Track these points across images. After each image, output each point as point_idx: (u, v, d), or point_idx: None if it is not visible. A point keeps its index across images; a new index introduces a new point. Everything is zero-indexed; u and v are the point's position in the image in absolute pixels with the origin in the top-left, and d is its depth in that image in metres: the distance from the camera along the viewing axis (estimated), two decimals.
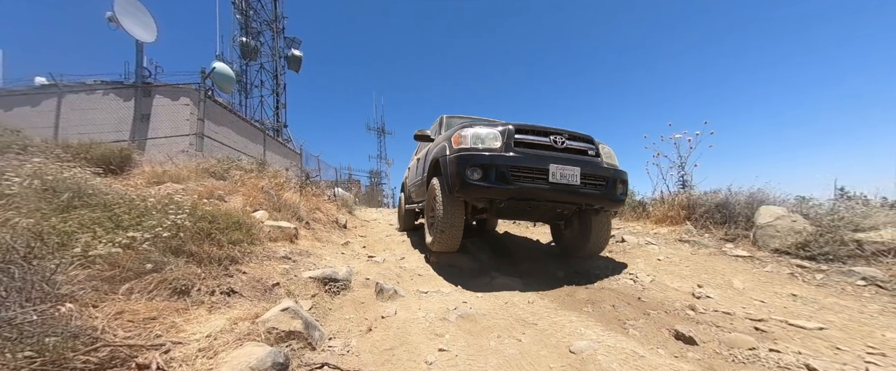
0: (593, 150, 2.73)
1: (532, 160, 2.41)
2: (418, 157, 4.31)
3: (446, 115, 4.07)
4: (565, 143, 2.60)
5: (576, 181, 2.43)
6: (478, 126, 2.62)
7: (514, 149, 2.46)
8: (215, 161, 4.92)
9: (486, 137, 2.53)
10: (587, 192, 2.47)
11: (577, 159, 2.57)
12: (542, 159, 2.42)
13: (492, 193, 2.39)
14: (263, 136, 11.46)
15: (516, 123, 2.60)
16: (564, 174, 2.41)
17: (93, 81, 8.39)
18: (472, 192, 2.39)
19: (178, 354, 1.16)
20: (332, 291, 2.12)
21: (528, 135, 2.56)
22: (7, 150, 3.28)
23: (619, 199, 2.64)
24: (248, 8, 15.66)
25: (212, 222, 2.26)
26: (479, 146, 2.50)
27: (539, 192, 2.39)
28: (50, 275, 1.25)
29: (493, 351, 1.43)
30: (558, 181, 2.39)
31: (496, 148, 2.47)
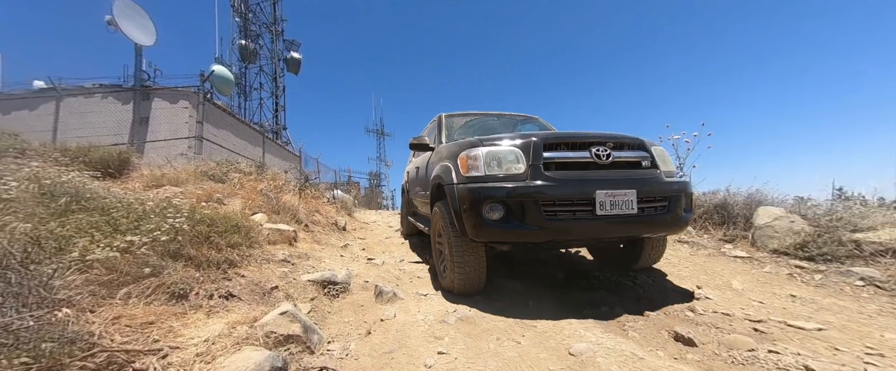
0: (648, 160, 2.07)
1: (571, 187, 1.82)
2: (417, 166, 3.71)
3: (444, 114, 3.43)
4: (611, 157, 1.94)
5: (632, 208, 1.83)
6: (492, 143, 2.04)
7: (544, 172, 1.86)
8: (214, 164, 4.91)
9: (505, 159, 1.93)
10: (647, 218, 1.90)
11: (631, 177, 1.95)
12: (585, 184, 1.83)
13: (519, 237, 1.88)
14: (262, 139, 11.46)
15: (544, 134, 2.01)
16: (616, 201, 1.81)
17: (91, 85, 8.39)
18: (492, 235, 1.86)
19: (176, 359, 1.15)
20: (331, 294, 2.12)
21: (561, 150, 1.94)
22: (5, 154, 3.28)
23: (685, 219, 2.04)
24: (247, 11, 15.70)
25: (210, 226, 2.26)
26: (497, 173, 1.92)
27: (583, 230, 1.84)
28: (47, 280, 1.25)
29: (492, 353, 1.43)
30: (608, 212, 1.80)
31: (520, 173, 1.88)
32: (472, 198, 1.87)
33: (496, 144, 2.01)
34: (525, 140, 1.97)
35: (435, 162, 2.73)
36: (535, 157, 1.89)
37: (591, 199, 1.80)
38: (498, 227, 1.82)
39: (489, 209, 1.83)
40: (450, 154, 2.34)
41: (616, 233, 1.90)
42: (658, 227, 1.99)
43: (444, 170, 2.28)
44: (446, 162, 2.32)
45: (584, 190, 1.82)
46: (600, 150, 1.94)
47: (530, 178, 1.85)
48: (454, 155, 2.22)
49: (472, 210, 1.86)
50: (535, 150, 1.90)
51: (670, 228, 2.04)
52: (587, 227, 1.83)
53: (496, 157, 1.96)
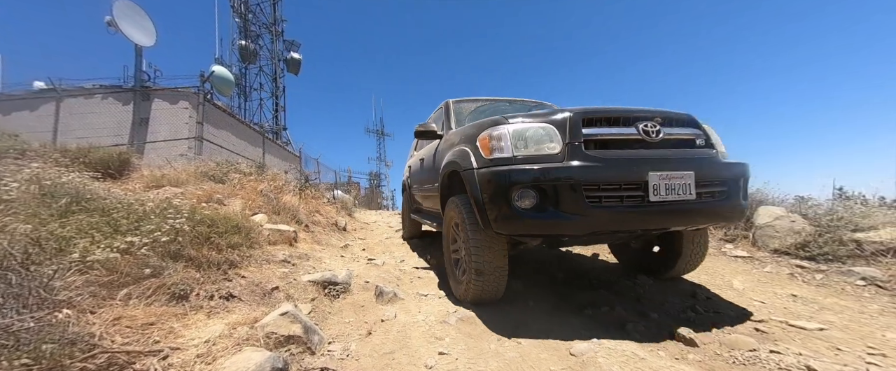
0: (702, 138, 1.82)
1: (619, 169, 1.55)
2: (421, 157, 3.43)
3: (452, 100, 3.10)
4: (661, 134, 1.67)
5: (690, 193, 1.58)
6: (519, 120, 1.74)
7: (584, 152, 1.58)
8: (214, 164, 4.91)
9: (535, 137, 1.66)
10: (706, 206, 1.64)
11: (687, 157, 1.70)
12: (636, 164, 1.57)
13: (555, 229, 1.59)
14: (262, 139, 11.46)
15: (581, 109, 1.69)
16: (672, 185, 1.55)
17: (92, 86, 8.39)
18: (523, 226, 1.59)
19: (177, 360, 1.15)
20: (331, 295, 2.12)
21: (604, 125, 1.67)
22: (5, 155, 3.28)
23: (744, 207, 1.80)
24: (247, 11, 15.70)
25: (210, 226, 2.26)
26: (525, 153, 1.64)
27: (632, 220, 1.57)
28: (47, 281, 1.25)
29: (493, 354, 1.43)
30: (663, 197, 1.54)
31: (555, 154, 1.60)
32: (498, 183, 1.59)
33: (524, 121, 1.71)
34: (560, 115, 1.66)
35: (445, 149, 2.41)
36: (573, 133, 1.59)
37: (643, 183, 1.53)
38: (530, 216, 1.53)
39: (519, 196, 1.54)
40: (466, 137, 2.06)
41: (670, 223, 1.63)
42: (717, 216, 1.72)
43: (460, 155, 1.98)
44: (462, 146, 2.02)
45: (634, 171, 1.53)
46: (648, 125, 1.65)
47: (568, 159, 1.57)
48: (472, 137, 1.93)
49: (497, 198, 1.59)
50: (572, 125, 1.60)
51: (730, 217, 1.77)
52: (637, 217, 1.55)
53: (525, 135, 1.67)
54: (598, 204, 1.53)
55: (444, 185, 2.33)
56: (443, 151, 2.48)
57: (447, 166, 2.19)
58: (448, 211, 2.18)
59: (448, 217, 2.21)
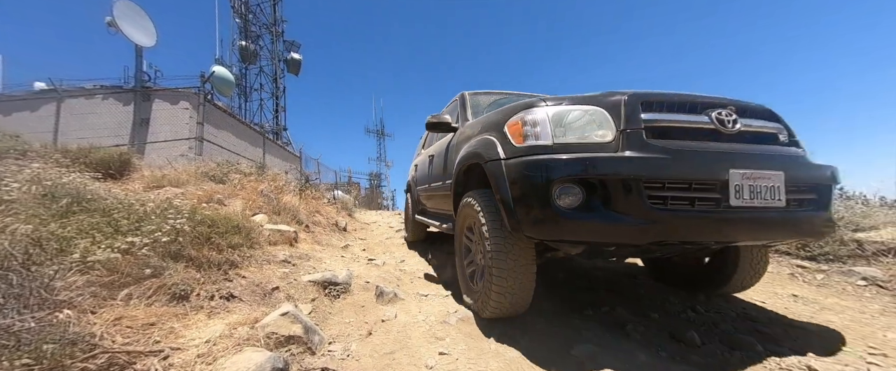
0: (785, 134, 1.52)
1: (692, 163, 1.26)
2: (430, 154, 3.20)
3: (469, 92, 2.81)
4: (738, 124, 1.38)
5: (779, 199, 1.30)
6: (558, 103, 1.45)
7: (645, 140, 1.28)
8: (215, 165, 4.92)
9: (580, 122, 1.39)
10: (796, 216, 1.36)
11: (774, 154, 1.41)
12: (711, 159, 1.28)
13: (608, 235, 1.27)
14: (263, 140, 11.47)
15: (639, 92, 1.38)
16: (757, 187, 1.27)
17: (92, 86, 8.41)
18: (564, 230, 1.29)
19: (177, 360, 1.15)
20: (331, 295, 2.12)
21: (668, 112, 1.37)
22: (6, 156, 3.28)
23: (833, 221, 1.51)
24: (247, 12, 15.72)
25: (211, 226, 2.26)
26: (568, 140, 1.36)
27: (710, 229, 1.27)
28: (48, 281, 1.25)
29: (493, 354, 1.43)
30: (748, 202, 1.25)
31: (606, 142, 1.32)
32: (533, 176, 1.32)
33: (565, 104, 1.44)
34: (612, 97, 1.37)
35: (461, 142, 2.17)
36: (631, 119, 1.30)
37: (721, 183, 1.25)
38: (574, 218, 1.25)
39: (561, 192, 1.26)
40: (490, 124, 1.79)
41: (753, 235, 1.33)
42: (806, 230, 1.39)
43: (483, 145, 1.71)
44: (485, 135, 1.76)
45: (712, 168, 1.25)
46: (722, 113, 1.36)
47: (623, 148, 1.27)
48: (498, 124, 1.67)
49: (531, 194, 1.32)
50: (629, 109, 1.31)
51: (820, 232, 1.45)
52: (713, 225, 1.25)
53: (567, 119, 1.39)
54: (662, 206, 1.22)
55: (459, 182, 2.08)
56: (458, 145, 2.23)
57: (464, 160, 1.93)
58: (462, 211, 1.93)
59: (462, 218, 1.96)
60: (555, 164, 1.30)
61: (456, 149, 2.27)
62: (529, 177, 1.35)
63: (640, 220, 1.22)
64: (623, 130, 1.31)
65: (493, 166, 1.57)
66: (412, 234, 4.20)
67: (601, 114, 1.37)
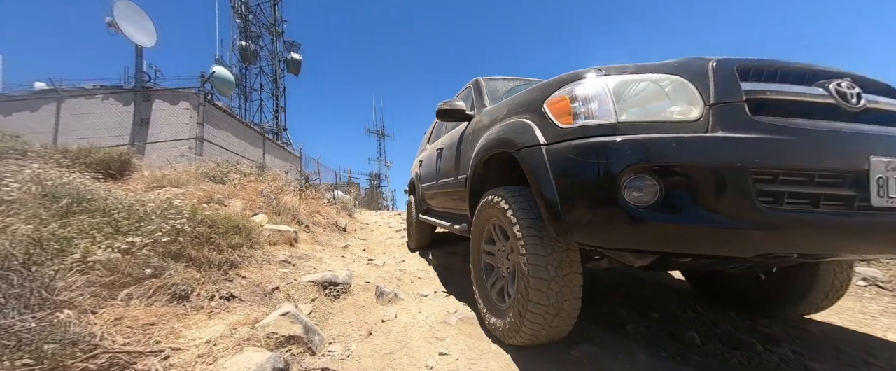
0: None
1: (822, 146, 0.95)
2: (439, 148, 2.87)
3: (484, 78, 2.52)
4: (863, 101, 1.05)
5: None
6: (628, 72, 1.14)
7: (749, 117, 0.96)
8: (215, 165, 4.92)
9: (650, 96, 1.09)
10: None
11: None
12: (845, 142, 0.97)
13: (704, 245, 0.96)
14: (263, 140, 11.48)
15: (730, 57, 1.07)
16: None
17: (92, 86, 8.41)
18: (637, 236, 0.99)
19: (178, 360, 1.15)
20: (331, 295, 2.12)
21: (772, 81, 1.04)
22: (6, 156, 3.28)
23: None
24: (247, 12, 15.74)
25: (211, 227, 2.26)
26: (637, 118, 1.06)
27: (846, 238, 0.95)
28: (49, 281, 1.25)
29: (494, 354, 1.43)
30: (892, 202, 0.94)
31: (691, 120, 1.01)
32: (590, 164, 1.02)
33: (629, 74, 1.12)
34: (694, 64, 1.05)
35: (479, 131, 1.88)
36: (725, 89, 0.98)
37: (858, 174, 0.92)
38: (652, 220, 0.94)
39: (632, 183, 0.96)
40: (520, 105, 1.50)
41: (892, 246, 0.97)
42: None
43: (514, 129, 1.41)
44: (515, 118, 1.45)
45: (847, 153, 0.94)
46: (843, 84, 1.04)
47: (716, 127, 0.95)
48: (532, 103, 1.37)
49: (588, 188, 1.03)
50: (722, 78, 0.99)
51: None
52: (851, 232, 0.93)
53: (632, 92, 1.09)
54: (775, 206, 0.90)
55: (477, 177, 1.80)
56: (474, 134, 1.94)
57: (485, 150, 1.64)
58: (483, 211, 1.64)
59: (483, 219, 1.66)
60: (623, 147, 0.98)
61: (472, 139, 1.96)
62: (584, 165, 1.04)
63: (747, 223, 0.88)
64: (714, 104, 0.97)
65: (529, 154, 1.26)
66: (416, 240, 3.72)
67: (682, 84, 1.04)
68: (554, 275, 1.22)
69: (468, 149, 2.00)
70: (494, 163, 1.70)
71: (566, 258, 1.23)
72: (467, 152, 2.00)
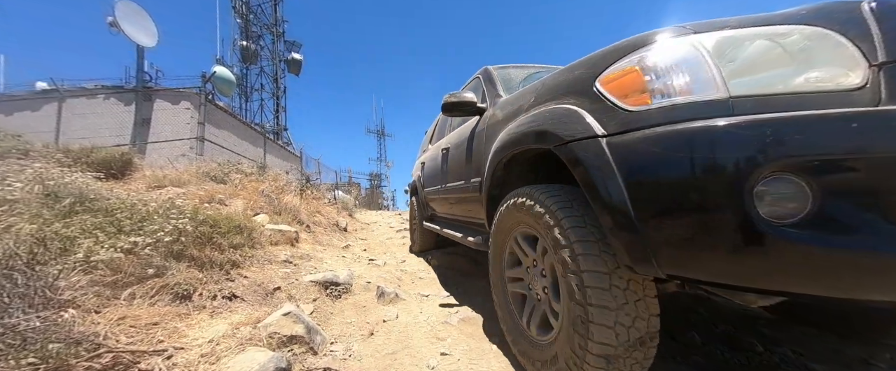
0: None
1: None
2: (444, 147, 2.60)
3: (495, 67, 2.25)
4: None
5: None
6: (729, 28, 0.80)
7: None
8: (216, 165, 4.93)
9: (776, 57, 0.74)
10: None
11: None
12: None
13: None
14: (264, 140, 11.49)
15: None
16: None
17: (94, 86, 8.43)
18: (783, 269, 0.63)
19: (181, 360, 1.16)
20: (333, 295, 2.12)
21: None
22: (8, 155, 3.29)
23: None
24: (248, 12, 15.76)
25: (213, 226, 2.27)
26: (756, 91, 0.71)
27: None
28: (52, 281, 1.26)
29: (495, 354, 1.43)
30: None
31: (850, 88, 0.66)
32: (688, 162, 0.71)
33: (732, 29, 0.81)
34: (840, 7, 0.74)
35: (494, 125, 1.61)
36: None
37: None
38: (809, 242, 0.61)
39: (766, 188, 0.65)
40: (556, 88, 1.21)
41: None
42: None
43: (553, 118, 1.11)
44: (553, 104, 1.16)
45: None
46: None
47: (892, 99, 0.63)
48: (577, 83, 1.09)
49: (691, 198, 0.71)
50: (893, 22, 0.67)
51: None
52: None
53: (745, 53, 0.77)
54: None
55: (496, 181, 1.52)
56: (489, 130, 1.68)
57: (508, 146, 1.34)
58: (506, 218, 1.33)
59: (504, 228, 1.35)
60: (747, 133, 0.66)
61: (486, 137, 1.70)
62: (677, 163, 0.72)
63: None
64: (886, 63, 0.65)
65: (581, 151, 0.93)
66: (419, 244, 3.62)
67: (824, 37, 0.71)
68: (622, 302, 0.88)
69: (482, 148, 1.74)
70: (518, 163, 1.42)
71: (636, 293, 0.91)
72: (481, 152, 1.75)
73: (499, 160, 1.45)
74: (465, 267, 2.99)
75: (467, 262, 3.07)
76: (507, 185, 1.54)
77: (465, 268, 2.97)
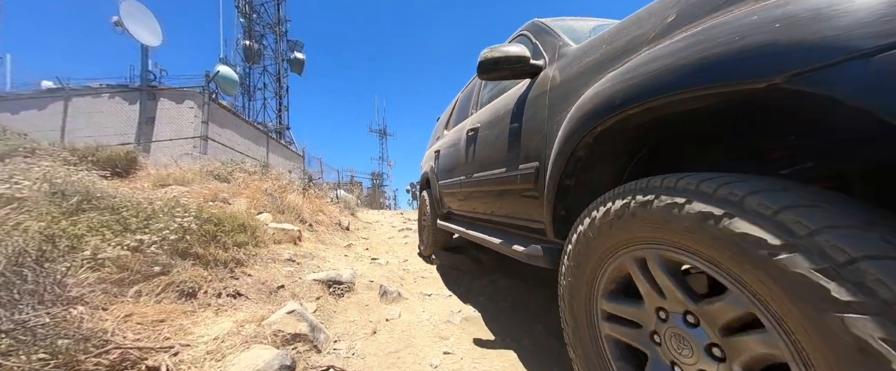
0: None
1: None
2: (471, 128, 2.05)
3: (546, 20, 1.68)
4: None
5: None
6: None
7: None
8: (219, 164, 4.96)
9: None
10: None
11: None
12: None
13: None
14: (266, 139, 11.54)
15: None
16: None
17: (99, 85, 8.49)
18: None
19: (187, 356, 1.18)
20: (336, 294, 2.14)
21: None
22: (15, 154, 3.33)
23: None
24: (251, 12, 15.82)
25: (217, 225, 2.28)
26: None
27: None
28: (61, 278, 1.28)
29: (497, 354, 1.44)
30: None
31: None
32: None
33: None
34: None
35: (568, 83, 1.16)
36: None
37: None
38: None
39: None
40: None
41: None
42: None
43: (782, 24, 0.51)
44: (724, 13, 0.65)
45: None
46: None
47: None
48: None
49: None
50: None
51: None
52: None
53: None
54: None
55: (572, 165, 1.04)
56: (555, 92, 1.23)
57: (612, 104, 0.86)
58: (626, 227, 0.77)
59: (610, 242, 0.83)
60: None
61: (549, 102, 1.24)
62: None
63: None
64: None
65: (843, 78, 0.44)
66: (429, 246, 3.14)
67: None
68: None
69: (540, 121, 1.27)
70: (617, 135, 0.92)
71: None
72: (537, 127, 1.27)
73: (583, 133, 0.94)
74: (468, 266, 2.99)
75: (470, 262, 3.07)
76: (592, 169, 1.05)
77: (467, 267, 2.98)
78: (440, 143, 3.00)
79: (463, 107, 2.67)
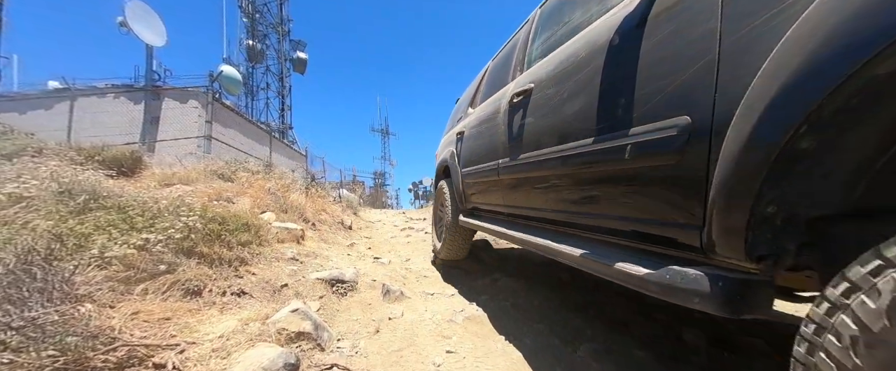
0: None
1: None
2: (516, 93, 1.54)
3: None
4: None
5: None
6: None
7: None
8: (223, 163, 4.99)
9: None
10: None
11: None
12: None
13: None
14: (269, 138, 11.59)
15: None
16: None
17: (104, 85, 8.56)
18: None
19: (193, 354, 1.19)
20: (339, 293, 2.15)
21: None
22: (23, 153, 3.37)
23: None
24: (254, 11, 15.88)
25: (221, 224, 2.30)
26: None
27: None
28: (69, 276, 1.29)
29: (500, 353, 1.45)
30: None
31: None
32: None
33: None
34: None
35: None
36: None
37: None
38: None
39: None
40: None
41: None
42: None
43: None
44: None
45: None
46: None
47: None
48: None
49: None
50: None
51: None
52: None
53: None
54: None
55: (813, 116, 0.49)
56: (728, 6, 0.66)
57: None
58: None
59: None
60: None
61: (682, 37, 0.76)
62: None
63: None
64: None
65: None
66: (448, 250, 2.63)
67: None
68: None
69: (704, 32, 0.71)
70: None
71: None
72: (692, 49, 0.74)
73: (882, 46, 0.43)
74: (470, 266, 3.00)
75: (471, 262, 3.08)
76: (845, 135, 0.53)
77: (469, 267, 2.98)
78: (464, 124, 2.46)
79: (497, 74, 2.13)
